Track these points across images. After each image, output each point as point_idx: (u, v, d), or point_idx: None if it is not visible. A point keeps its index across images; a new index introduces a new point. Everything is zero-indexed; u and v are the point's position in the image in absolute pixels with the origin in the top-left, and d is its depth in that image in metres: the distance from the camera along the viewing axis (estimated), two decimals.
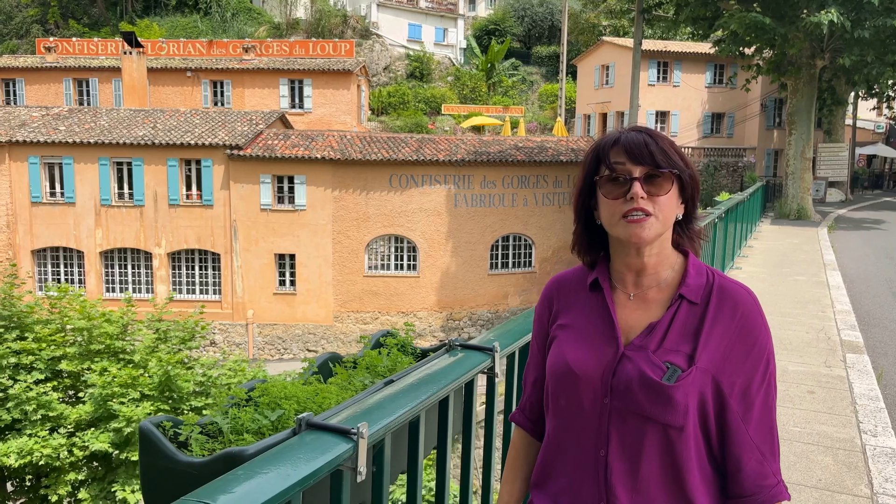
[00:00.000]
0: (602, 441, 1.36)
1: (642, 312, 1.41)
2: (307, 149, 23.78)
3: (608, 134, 1.44)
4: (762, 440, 1.36)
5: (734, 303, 1.36)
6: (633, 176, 1.36)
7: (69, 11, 45.62)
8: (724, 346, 1.34)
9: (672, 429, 1.31)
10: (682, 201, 1.42)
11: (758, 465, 1.35)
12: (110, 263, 24.47)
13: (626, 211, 1.35)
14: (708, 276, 1.41)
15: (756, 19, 18.67)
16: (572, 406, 1.40)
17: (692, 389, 1.31)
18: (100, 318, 13.71)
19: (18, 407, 12.41)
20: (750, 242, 13.77)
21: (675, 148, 1.39)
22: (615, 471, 1.35)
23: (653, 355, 1.34)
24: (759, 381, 1.35)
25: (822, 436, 4.10)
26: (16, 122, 24.74)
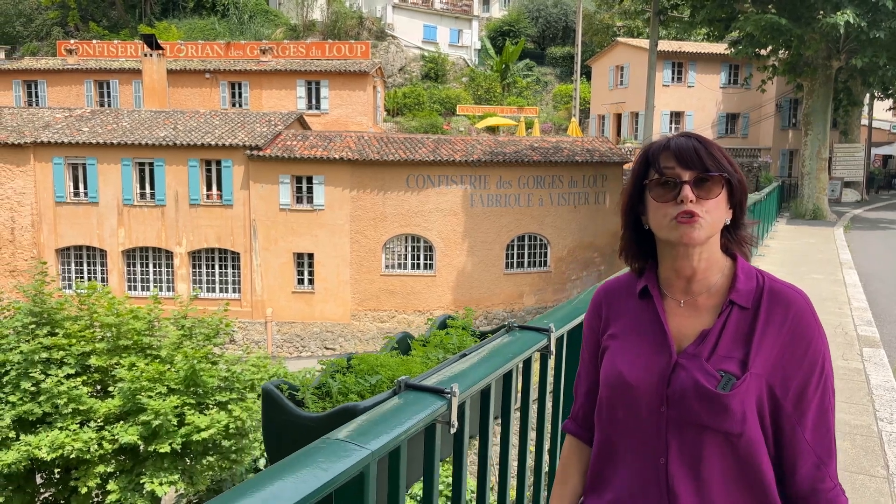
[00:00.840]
0: (661, 449, 1.37)
1: (694, 319, 1.41)
2: (325, 149, 24.11)
3: (658, 140, 1.46)
4: (818, 444, 1.36)
5: (786, 305, 1.36)
6: (682, 179, 1.38)
7: (89, 14, 46.25)
8: (778, 349, 1.34)
9: (731, 436, 1.33)
10: (731, 206, 1.43)
11: (814, 468, 1.35)
12: (132, 262, 24.90)
13: (677, 213, 1.37)
14: (758, 280, 1.41)
15: (772, 21, 18.80)
16: (629, 416, 1.42)
17: (748, 396, 1.32)
18: (127, 315, 14.05)
19: (50, 401, 12.76)
20: (766, 242, 13.93)
21: (724, 153, 1.42)
22: (677, 478, 1.36)
23: (706, 364, 1.35)
24: (815, 385, 1.35)
25: (841, 423, 4.31)
26: (40, 124, 25.21)
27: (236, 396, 13.79)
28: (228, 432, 13.40)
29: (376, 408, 1.50)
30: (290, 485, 1.13)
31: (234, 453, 13.81)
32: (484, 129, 37.00)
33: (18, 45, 44.82)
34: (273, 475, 1.15)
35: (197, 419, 12.63)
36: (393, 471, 1.46)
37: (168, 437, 12.71)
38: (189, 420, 12.68)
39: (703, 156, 1.38)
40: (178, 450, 12.83)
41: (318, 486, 1.16)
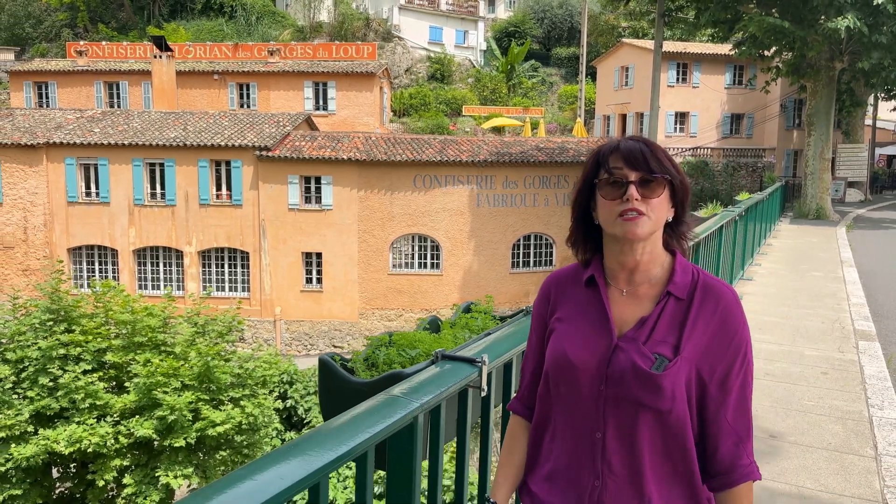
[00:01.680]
0: (599, 425, 1.48)
1: (634, 307, 1.53)
2: (333, 150, 24.39)
3: (608, 141, 1.58)
4: (738, 424, 1.48)
5: (716, 299, 1.49)
6: (629, 180, 1.49)
7: (97, 15, 46.63)
8: (706, 337, 1.46)
9: (662, 412, 1.44)
10: (673, 205, 1.55)
11: (734, 446, 1.47)
12: (143, 261, 25.23)
13: (622, 210, 1.49)
14: (693, 275, 1.53)
15: (775, 23, 19.00)
16: (571, 393, 1.52)
17: (678, 377, 1.43)
18: (142, 313, 14.34)
19: (68, 396, 13.04)
20: (769, 241, 14.15)
21: (668, 157, 1.54)
22: (612, 451, 1.47)
23: (643, 347, 1.46)
24: (737, 371, 1.47)
25: (834, 408, 4.57)
26: (52, 125, 25.56)
27: (248, 393, 14.08)
28: (241, 428, 13.68)
29: (419, 373, 1.77)
30: (361, 428, 1.40)
31: (247, 448, 14.09)
32: (489, 130, 37.26)
33: (28, 47, 45.23)
34: (349, 422, 1.43)
35: (212, 414, 12.92)
36: (434, 426, 1.73)
37: (183, 432, 12.99)
38: (204, 415, 12.97)
39: (648, 158, 1.50)
40: (192, 444, 13.12)
41: (381, 429, 1.43)
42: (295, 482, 1.20)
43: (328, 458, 1.29)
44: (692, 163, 30.57)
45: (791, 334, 6.51)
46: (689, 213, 1.59)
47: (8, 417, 12.65)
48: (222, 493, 1.13)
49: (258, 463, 1.24)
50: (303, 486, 1.25)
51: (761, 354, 5.78)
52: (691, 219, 1.60)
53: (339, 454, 1.32)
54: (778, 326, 6.72)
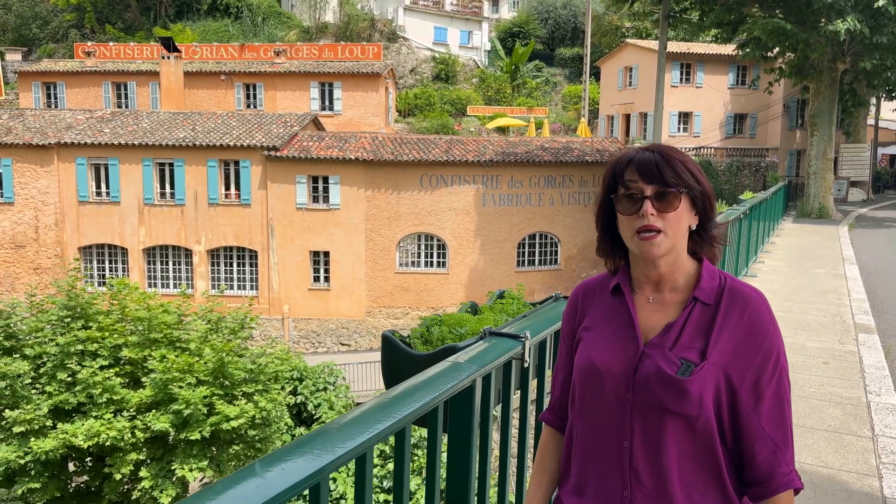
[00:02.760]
0: (626, 433, 1.47)
1: (660, 314, 1.51)
2: (341, 150, 24.69)
3: (624, 153, 1.55)
4: (774, 431, 1.43)
5: (744, 303, 1.46)
6: (644, 194, 1.47)
7: (104, 16, 46.97)
8: (735, 342, 1.43)
9: (690, 418, 1.41)
10: (696, 213, 1.52)
11: (770, 454, 1.43)
12: (152, 260, 25.54)
13: (639, 228, 1.47)
14: (721, 280, 1.51)
15: (778, 25, 19.28)
16: (598, 402, 1.51)
17: (706, 382, 1.41)
18: (158, 310, 14.64)
19: (85, 391, 13.33)
20: (772, 239, 14.42)
21: (688, 165, 1.51)
22: (639, 459, 1.46)
23: (669, 352, 1.44)
24: (770, 376, 1.44)
25: (833, 395, 4.85)
26: (62, 125, 25.87)
27: (261, 388, 14.37)
28: (254, 422, 13.96)
29: (471, 347, 2.05)
30: (435, 388, 1.69)
31: (259, 442, 14.38)
32: (494, 130, 37.53)
33: (35, 48, 45.57)
34: (424, 383, 1.71)
35: (226, 409, 13.21)
36: (485, 391, 2.01)
37: (198, 426, 13.29)
38: (219, 410, 13.26)
39: (663, 170, 1.47)
40: (206, 438, 13.41)
41: (448, 388, 1.72)
42: (379, 431, 1.48)
43: (411, 409, 1.58)
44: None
45: (794, 327, 6.79)
46: (714, 218, 1.56)
47: (27, 412, 12.94)
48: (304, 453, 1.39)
49: (351, 414, 1.52)
50: (389, 432, 1.53)
51: None
52: (722, 224, 1.72)
53: (416, 407, 1.61)
54: (781, 320, 6.97)
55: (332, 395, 17.75)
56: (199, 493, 1.17)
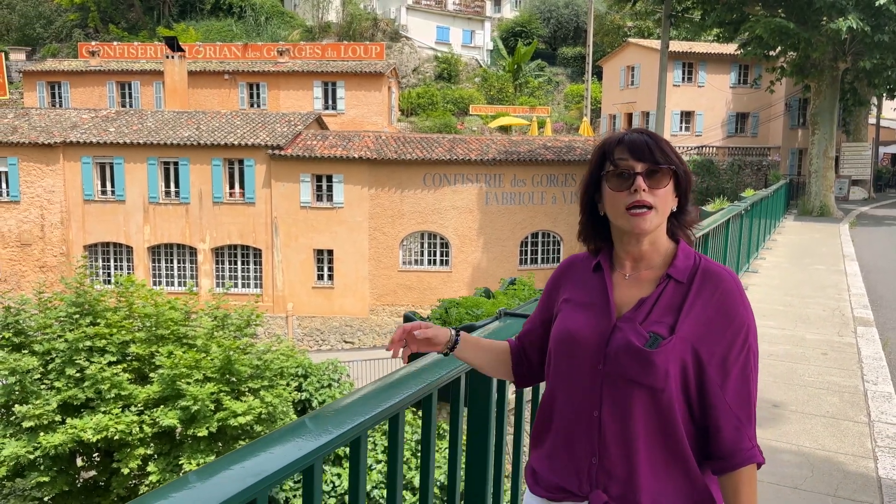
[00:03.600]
0: (596, 403, 1.51)
1: (635, 290, 1.56)
2: (345, 149, 24.83)
3: (613, 134, 1.60)
4: (739, 407, 1.47)
5: (716, 282, 1.51)
6: (635, 171, 1.52)
7: (108, 16, 47.12)
8: (704, 319, 1.47)
9: (655, 391, 1.45)
10: (677, 195, 1.58)
11: (734, 430, 1.46)
12: (157, 258, 25.70)
13: (630, 203, 1.52)
14: (695, 260, 1.56)
15: (780, 24, 19.40)
16: (572, 371, 1.56)
17: (672, 356, 1.45)
18: (165, 306, 14.79)
19: (94, 386, 13.48)
20: (773, 237, 14.56)
21: (672, 148, 1.58)
22: (607, 429, 1.50)
23: (639, 326, 1.49)
24: (737, 354, 1.47)
25: (832, 383, 4.99)
26: (68, 124, 26.04)
27: (267, 383, 14.52)
28: (260, 418, 14.10)
29: (487, 325, 2.20)
30: (456, 363, 1.84)
31: None
32: (496, 129, 37.66)
33: (39, 47, 45.73)
34: (439, 361, 1.86)
35: (234, 405, 13.36)
36: None
37: (205, 422, 13.43)
38: (226, 405, 13.41)
39: (653, 149, 1.53)
40: (213, 433, 13.55)
41: (462, 364, 1.86)
42: (409, 395, 1.62)
43: (437, 376, 1.73)
44: (697, 161, 30.92)
45: (793, 320, 6.92)
46: (692, 202, 1.62)
47: (36, 407, 13.09)
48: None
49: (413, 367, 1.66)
50: (416, 398, 1.67)
51: (765, 338, 6.20)
52: (695, 208, 1.65)
53: (442, 374, 1.75)
54: (781, 314, 7.13)
55: (336, 391, 17.90)
56: (194, 472, 1.21)
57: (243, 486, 1.16)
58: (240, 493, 1.15)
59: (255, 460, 1.28)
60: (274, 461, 1.28)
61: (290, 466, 1.29)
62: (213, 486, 1.16)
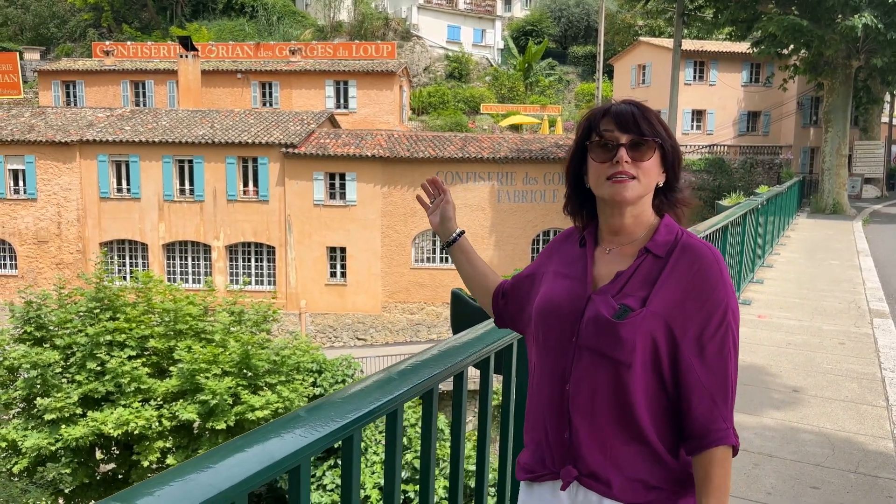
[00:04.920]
0: (567, 376, 1.48)
1: (614, 264, 1.52)
2: (357, 147, 25.00)
3: (600, 104, 1.58)
4: (714, 386, 1.41)
5: (694, 257, 1.46)
6: (619, 142, 1.48)
7: (121, 15, 47.51)
8: (679, 293, 1.43)
9: (622, 365, 1.41)
10: (664, 169, 1.53)
11: (707, 409, 1.40)
12: (172, 255, 25.95)
13: (612, 173, 1.48)
14: (677, 235, 1.51)
15: (794, 22, 19.42)
16: (549, 343, 1.53)
17: (640, 329, 1.40)
18: (183, 302, 14.99)
19: (114, 380, 13.69)
20: (787, 233, 14.62)
21: (660, 120, 1.52)
22: (575, 404, 1.46)
23: (611, 298, 1.45)
24: (714, 330, 1.41)
25: (850, 371, 5.09)
26: (84, 123, 26.32)
27: (283, 378, 14.69)
28: (277, 413, 14.26)
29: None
30: (502, 334, 1.98)
31: None
32: (507, 128, 37.75)
33: (53, 47, 46.15)
34: (480, 334, 2.01)
35: (251, 399, 13.53)
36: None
37: (223, 416, 13.61)
38: (244, 400, 13.59)
39: (639, 121, 1.49)
40: (231, 427, 13.74)
41: (494, 340, 2.01)
42: (448, 369, 1.75)
43: (471, 352, 1.87)
44: (709, 160, 30.94)
45: (810, 312, 7.02)
46: (681, 178, 1.58)
47: (58, 400, 13.32)
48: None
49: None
50: (454, 371, 1.81)
51: (783, 329, 6.30)
52: (688, 188, 1.60)
53: (481, 348, 1.90)
54: (798, 306, 7.22)
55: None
56: (187, 463, 1.17)
57: (218, 490, 1.09)
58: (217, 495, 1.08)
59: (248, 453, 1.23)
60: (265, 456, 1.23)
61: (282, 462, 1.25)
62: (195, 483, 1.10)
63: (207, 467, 1.14)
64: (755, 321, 6.56)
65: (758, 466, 3.46)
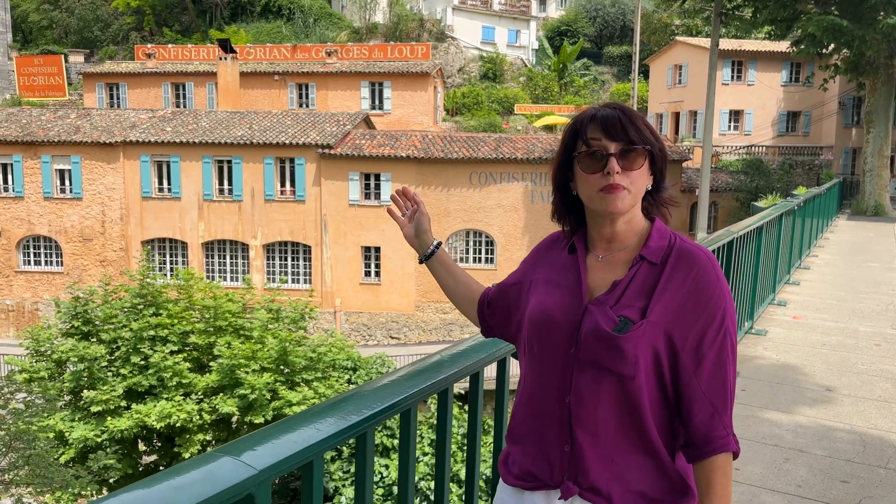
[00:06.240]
0: (567, 388, 1.45)
1: (609, 272, 1.49)
2: (392, 148, 25.25)
3: (585, 111, 1.51)
4: (714, 393, 1.41)
5: (690, 263, 1.43)
6: (609, 152, 1.44)
7: (162, 19, 48.55)
8: (678, 301, 1.40)
9: (625, 378, 1.40)
10: (652, 173, 1.50)
11: (708, 417, 1.40)
12: (210, 253, 26.49)
13: (604, 185, 1.44)
14: (671, 240, 1.49)
15: (834, 22, 19.15)
16: (545, 355, 1.50)
17: (643, 341, 1.38)
18: (223, 298, 15.35)
19: (157, 374, 14.10)
20: (826, 235, 14.46)
21: (647, 124, 1.49)
22: (577, 416, 1.44)
23: (609, 310, 1.42)
24: (713, 337, 1.40)
25: (884, 371, 5.11)
26: (127, 124, 27.00)
27: (320, 375, 14.97)
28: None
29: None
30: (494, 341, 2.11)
31: None
32: (541, 128, 37.72)
33: (96, 50, 47.32)
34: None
35: (289, 394, 13.83)
36: None
37: (262, 410, 13.94)
38: (282, 395, 13.89)
39: (627, 128, 1.45)
40: (269, 421, 14.04)
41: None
42: (464, 368, 1.84)
43: (488, 352, 1.98)
44: (746, 160, 30.56)
45: (847, 314, 7.01)
46: (667, 179, 1.57)
47: (103, 393, 13.77)
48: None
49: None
50: (471, 371, 1.92)
51: (818, 330, 6.32)
52: (673, 185, 1.59)
53: (498, 348, 2.01)
54: (834, 308, 7.21)
55: None
56: (201, 456, 1.19)
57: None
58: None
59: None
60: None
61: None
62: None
63: (219, 459, 1.16)
64: (790, 322, 6.58)
65: (789, 461, 3.54)
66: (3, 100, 40.18)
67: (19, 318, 26.17)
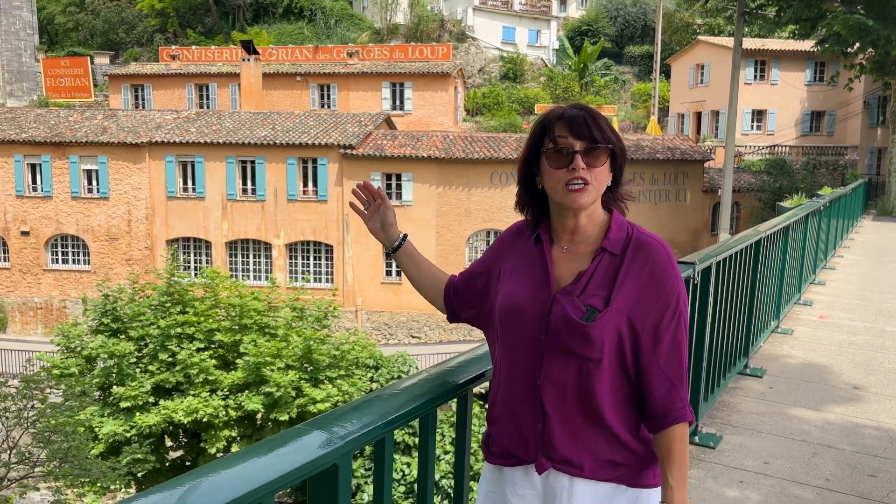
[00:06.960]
0: (537, 372, 1.58)
1: (573, 263, 1.62)
2: (413, 148, 25.39)
3: (553, 110, 1.64)
4: (671, 370, 1.56)
5: (647, 253, 1.57)
6: (574, 149, 1.55)
7: (186, 21, 49.12)
8: (637, 289, 1.55)
9: (591, 362, 1.54)
10: (612, 170, 1.62)
11: (667, 392, 1.56)
12: (234, 252, 26.80)
13: (569, 180, 1.56)
14: (628, 231, 1.62)
15: (859, 21, 18.99)
16: (516, 342, 1.63)
17: (608, 327, 1.53)
18: (248, 297, 15.56)
19: (184, 371, 14.33)
20: (851, 235, 14.38)
21: (609, 125, 1.61)
22: (548, 397, 1.58)
23: (576, 299, 1.55)
24: (668, 320, 1.55)
25: None
26: (152, 125, 27.38)
27: (343, 373, 15.13)
28: (336, 405, 14.69)
29: None
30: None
31: None
32: None
33: (121, 51, 47.97)
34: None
35: (313, 392, 14.00)
36: None
37: (286, 407, 14.12)
38: (306, 392, 14.06)
39: (592, 127, 1.56)
40: (293, 418, 14.23)
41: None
42: (482, 374, 1.80)
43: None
44: (770, 160, 30.34)
45: (873, 314, 7.02)
46: (625, 176, 1.69)
47: (132, 389, 14.02)
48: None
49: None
50: (490, 376, 1.96)
51: (844, 329, 6.34)
52: (629, 182, 1.71)
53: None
54: (860, 308, 7.22)
55: None
56: (224, 459, 1.20)
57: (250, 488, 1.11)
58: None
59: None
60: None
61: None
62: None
63: (236, 465, 1.17)
64: (816, 322, 6.61)
65: (817, 456, 3.60)
66: (31, 101, 40.87)
67: (47, 315, 26.64)
